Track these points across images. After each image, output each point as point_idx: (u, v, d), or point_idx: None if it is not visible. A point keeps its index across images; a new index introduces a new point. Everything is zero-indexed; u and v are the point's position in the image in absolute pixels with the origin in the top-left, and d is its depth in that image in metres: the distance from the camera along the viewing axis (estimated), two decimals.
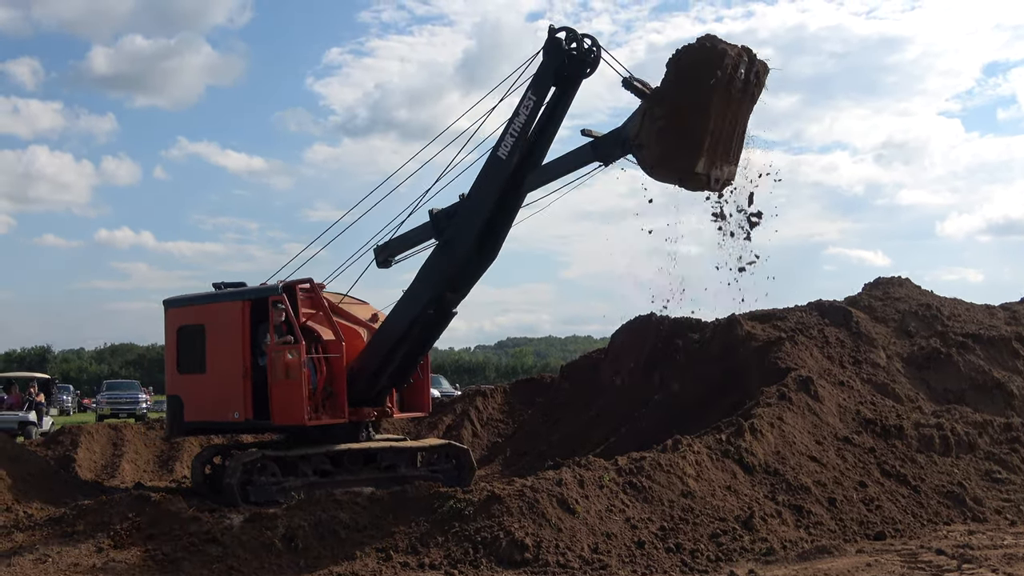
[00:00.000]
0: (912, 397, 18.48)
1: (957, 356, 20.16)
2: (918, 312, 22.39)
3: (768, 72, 14.13)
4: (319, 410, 17.17)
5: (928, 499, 14.33)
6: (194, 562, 11.27)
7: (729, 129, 14.11)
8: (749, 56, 13.79)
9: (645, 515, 12.43)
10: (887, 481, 14.67)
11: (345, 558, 11.32)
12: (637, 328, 24.51)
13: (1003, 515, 14.08)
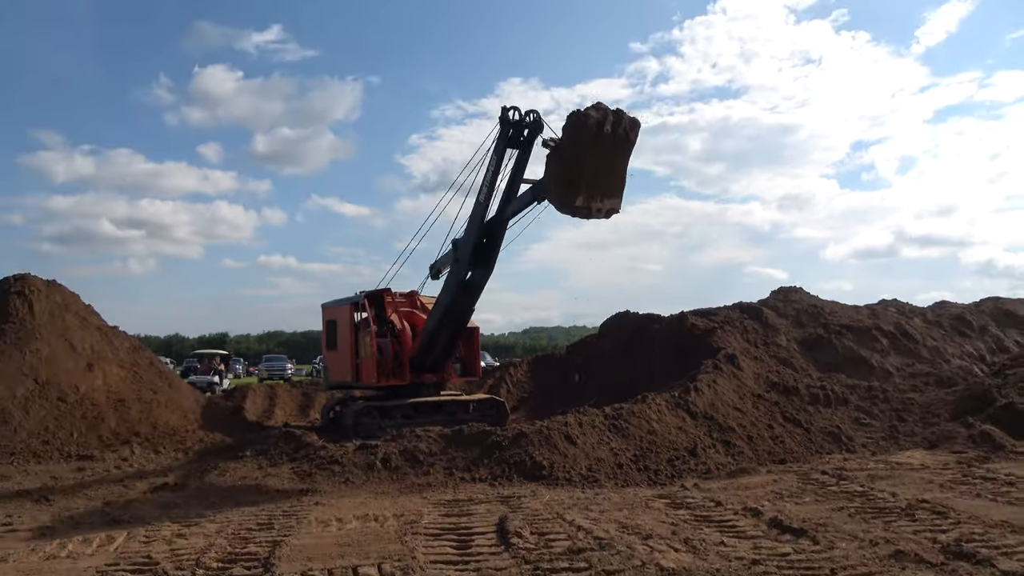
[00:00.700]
0: (804, 367, 18.22)
1: (835, 340, 19.90)
2: (808, 310, 22.14)
3: (638, 126, 13.22)
4: (388, 376, 17.38)
5: (815, 437, 14.10)
6: (323, 476, 11.31)
7: (605, 171, 13.13)
8: (616, 116, 12.87)
9: (623, 446, 12.33)
10: (787, 424, 14.45)
11: (423, 474, 11.32)
12: (618, 320, 24.51)
13: (867, 448, 13.83)
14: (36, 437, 14.23)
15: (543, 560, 6.57)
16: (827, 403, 15.81)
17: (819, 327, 20.73)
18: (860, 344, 20.11)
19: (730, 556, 6.72)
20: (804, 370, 17.98)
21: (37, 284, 17.74)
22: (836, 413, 15.46)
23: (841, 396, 16.19)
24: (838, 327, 20.60)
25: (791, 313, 21.84)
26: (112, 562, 6.80)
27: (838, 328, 20.53)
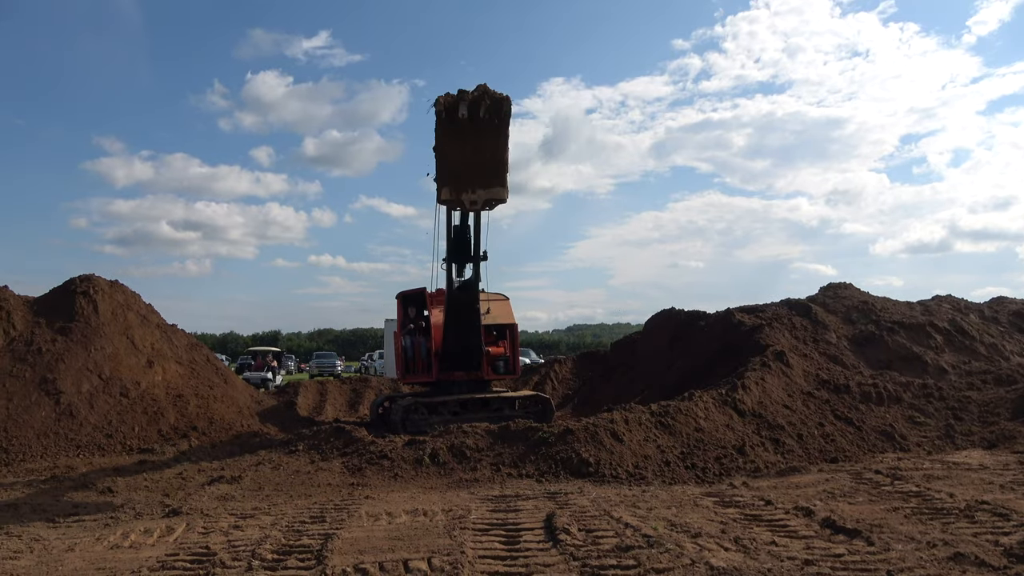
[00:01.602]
0: (855, 365, 17.73)
1: (887, 337, 19.27)
2: (858, 307, 21.49)
3: (504, 104, 11.82)
4: (416, 373, 17.62)
5: (868, 436, 13.71)
6: (373, 470, 11.42)
7: (475, 159, 12.03)
8: (476, 100, 11.75)
9: (670, 444, 12.17)
10: (838, 423, 14.09)
11: (470, 470, 11.34)
12: (662, 317, 24.28)
13: (922, 447, 13.40)
14: (100, 431, 14.70)
15: (591, 557, 6.50)
16: (879, 401, 15.36)
17: (870, 324, 20.12)
18: (913, 341, 19.44)
19: (782, 556, 6.55)
20: (855, 367, 17.49)
21: (101, 284, 18.32)
22: (889, 411, 15.01)
23: (894, 394, 15.71)
24: (890, 324, 19.96)
25: (841, 310, 21.24)
26: (172, 552, 6.96)
27: (890, 325, 19.89)
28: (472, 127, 11.82)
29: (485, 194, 12.23)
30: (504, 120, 11.93)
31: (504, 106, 11.88)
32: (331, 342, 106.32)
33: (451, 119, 11.78)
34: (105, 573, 6.35)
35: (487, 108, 11.77)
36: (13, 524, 8.38)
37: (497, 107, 11.83)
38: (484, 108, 11.76)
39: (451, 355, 17.06)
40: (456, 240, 14.96)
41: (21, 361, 15.71)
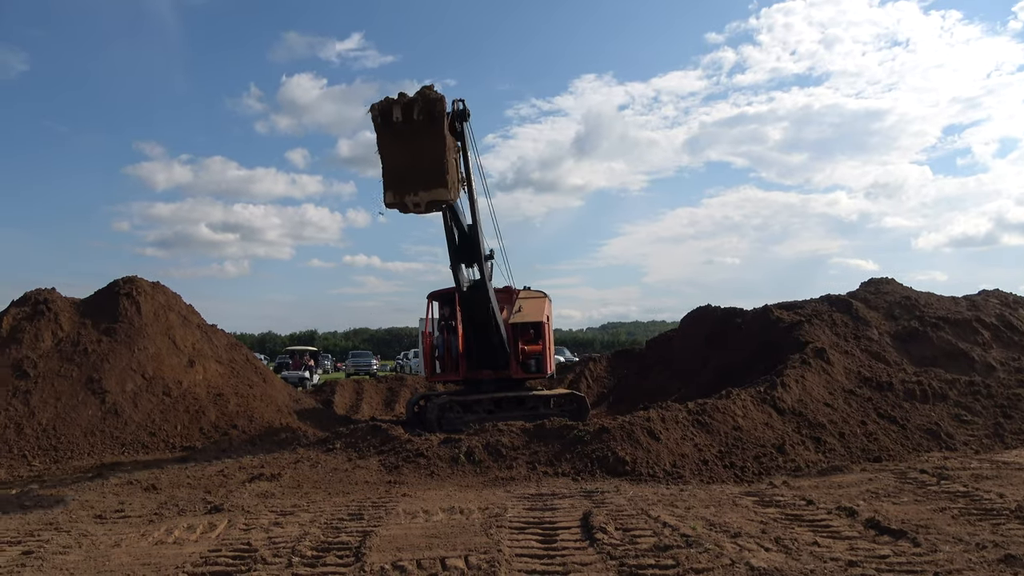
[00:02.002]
0: (898, 362, 17.33)
1: (931, 333, 18.81)
2: (901, 302, 21.00)
3: (436, 103, 11.73)
4: (443, 371, 17.89)
5: (912, 434, 13.40)
6: (409, 468, 11.50)
7: (414, 162, 11.93)
8: (409, 101, 11.73)
9: (708, 442, 12.04)
10: (881, 421, 13.79)
11: (506, 468, 11.35)
12: (699, 314, 24.10)
13: (969, 446, 13.05)
14: (144, 429, 15.05)
15: (628, 556, 6.45)
16: (924, 399, 15.00)
17: (913, 319, 19.65)
18: (959, 337, 18.94)
19: (824, 557, 6.43)
20: (898, 364, 17.09)
21: (143, 286, 18.75)
22: (934, 409, 14.65)
23: (939, 391, 15.32)
24: (934, 319, 19.47)
25: (883, 305, 20.77)
26: (214, 548, 7.09)
27: (934, 320, 19.40)
28: (408, 130, 11.83)
29: (427, 196, 12.16)
30: (438, 121, 11.85)
31: (437, 107, 11.84)
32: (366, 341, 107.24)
33: (387, 123, 11.82)
34: (150, 568, 6.50)
35: (420, 110, 11.75)
36: (62, 520, 8.62)
37: (430, 108, 11.80)
38: (417, 110, 11.74)
39: (477, 354, 17.17)
40: (453, 243, 14.98)
41: (68, 361, 16.17)
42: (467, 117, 13.70)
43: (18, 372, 15.64)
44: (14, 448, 13.77)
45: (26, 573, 6.37)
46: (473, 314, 16.36)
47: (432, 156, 11.96)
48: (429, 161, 11.97)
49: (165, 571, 6.38)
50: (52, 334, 16.88)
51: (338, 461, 12.32)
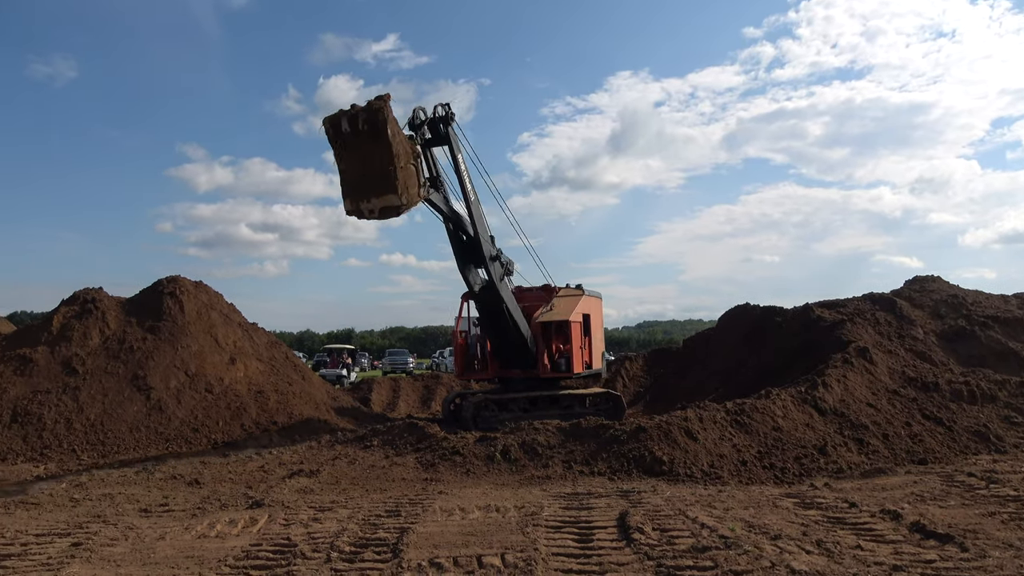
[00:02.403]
0: (944, 362, 16.88)
1: (980, 332, 18.29)
2: (948, 300, 20.47)
3: (378, 113, 12.08)
4: (472, 370, 18.25)
5: (959, 436, 13.04)
6: (445, 466, 11.56)
7: (364, 170, 12.36)
8: (352, 112, 12.21)
9: (747, 443, 11.88)
10: (927, 422, 13.45)
11: (542, 466, 11.35)
12: (737, 313, 23.80)
13: (1020, 449, 12.64)
14: (187, 425, 15.38)
15: (666, 557, 6.39)
16: (972, 400, 14.59)
17: (960, 318, 19.13)
18: (1009, 336, 18.39)
19: (868, 561, 6.29)
20: (944, 364, 16.66)
21: (187, 285, 19.17)
22: (983, 411, 14.24)
23: (988, 392, 14.89)
24: (983, 318, 18.93)
25: (928, 304, 20.27)
26: (255, 542, 7.21)
27: (983, 319, 18.86)
28: (356, 140, 12.27)
29: (379, 202, 12.59)
30: (381, 129, 12.16)
31: (378, 116, 12.17)
32: (403, 339, 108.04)
33: (338, 135, 12.31)
34: (193, 561, 6.64)
35: (364, 120, 12.19)
36: (109, 513, 8.85)
37: (372, 118, 12.19)
38: (362, 121, 12.19)
39: (503, 353, 17.20)
40: (457, 245, 15.40)
41: (115, 359, 16.61)
42: (450, 122, 14.09)
43: (68, 369, 16.12)
44: (64, 443, 14.20)
45: (75, 564, 6.56)
46: (488, 314, 16.55)
47: (381, 164, 12.34)
48: (378, 169, 12.39)
49: (208, 564, 6.51)
50: (100, 332, 17.36)
51: (375, 458, 12.44)
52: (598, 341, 18.85)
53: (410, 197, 12.75)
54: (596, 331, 18.68)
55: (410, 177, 12.71)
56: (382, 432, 14.14)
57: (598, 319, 19.01)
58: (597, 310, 19.04)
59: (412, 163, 12.90)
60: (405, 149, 12.71)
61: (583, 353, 17.70)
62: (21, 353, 16.50)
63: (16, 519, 8.62)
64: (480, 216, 15.46)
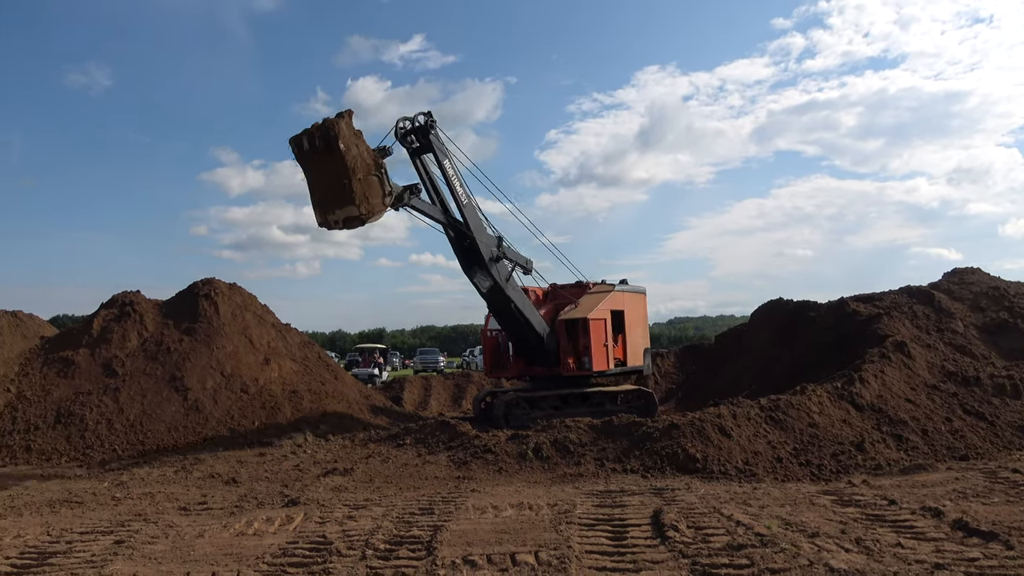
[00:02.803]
0: (986, 355, 16.48)
1: (1022, 325, 17.82)
2: (988, 292, 19.95)
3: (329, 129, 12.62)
4: (501, 368, 18.48)
5: (1002, 431, 12.73)
6: (477, 464, 11.60)
7: (327, 183, 12.92)
8: (311, 130, 12.79)
9: (782, 439, 11.73)
10: (968, 417, 13.15)
11: (574, 464, 11.32)
12: (770, 308, 23.52)
13: None
14: (224, 424, 15.64)
15: (701, 555, 6.34)
16: (1015, 394, 14.23)
17: (1002, 311, 18.65)
18: None
19: (908, 559, 6.17)
20: (986, 358, 16.26)
21: (221, 287, 19.48)
22: None
23: None
24: None
25: (968, 296, 19.79)
26: (292, 540, 7.31)
27: None
28: (316, 156, 12.84)
29: (342, 213, 13.12)
30: (333, 144, 12.60)
31: (330, 132, 12.65)
32: (433, 339, 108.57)
33: (301, 153, 12.95)
34: (232, 559, 6.74)
35: (319, 137, 12.73)
36: (150, 511, 9.04)
37: (324, 134, 12.71)
38: (318, 137, 12.73)
39: (522, 352, 17.36)
40: (458, 250, 15.75)
41: (153, 360, 16.95)
42: (430, 129, 14.56)
43: (108, 371, 16.49)
44: (105, 442, 14.53)
45: (118, 562, 6.70)
46: (499, 314, 16.72)
47: (337, 177, 12.84)
48: (337, 182, 12.88)
49: (246, 561, 6.61)
50: (138, 334, 17.73)
51: (408, 456, 12.52)
52: (637, 337, 18.43)
53: (370, 207, 13.15)
54: (634, 327, 18.30)
55: (370, 188, 13.12)
56: (414, 431, 14.23)
57: (637, 314, 18.61)
58: (635, 305, 18.62)
59: (374, 174, 13.30)
60: (364, 162, 13.11)
61: (610, 350, 17.41)
62: (64, 356, 16.92)
63: (61, 518, 8.85)
64: (475, 219, 15.65)
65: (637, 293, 18.95)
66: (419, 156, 15.05)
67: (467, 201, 15.54)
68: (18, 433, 14.69)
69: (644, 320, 18.96)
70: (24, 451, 14.16)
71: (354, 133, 13.05)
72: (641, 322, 18.79)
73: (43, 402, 15.57)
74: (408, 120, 14.87)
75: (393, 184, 13.71)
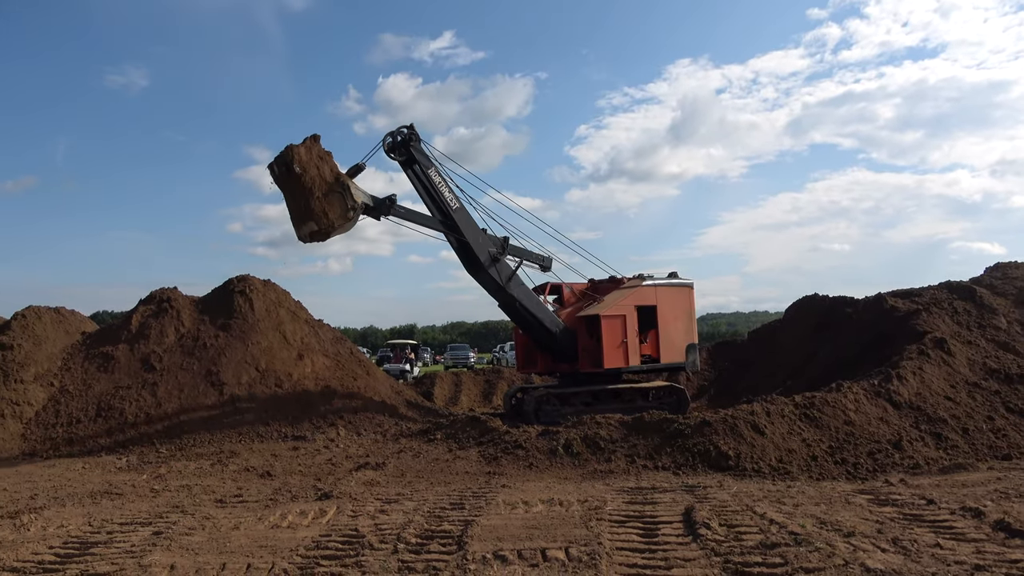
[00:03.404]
0: None
1: None
2: None
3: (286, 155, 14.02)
4: (532, 364, 18.68)
5: None
6: (508, 460, 11.62)
7: (294, 204, 14.25)
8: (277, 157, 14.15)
9: (817, 437, 11.56)
10: (1011, 416, 12.82)
11: (604, 460, 11.29)
12: (805, 304, 23.18)
13: None
14: (259, 419, 15.88)
15: (733, 553, 6.28)
16: None
17: None
18: None
19: (948, 560, 6.04)
20: None
21: (256, 284, 19.77)
22: None
23: None
24: None
25: (1011, 292, 19.27)
26: (325, 533, 7.41)
27: None
28: (283, 179, 14.24)
29: (306, 228, 14.37)
30: (290, 168, 14.04)
31: (286, 157, 14.11)
32: (464, 334, 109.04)
33: (275, 177, 14.42)
34: (267, 551, 6.86)
35: (279, 162, 14.16)
36: (187, 503, 9.23)
37: (283, 159, 14.12)
38: (279, 164, 14.16)
39: (541, 348, 17.66)
40: (460, 257, 16.32)
41: (189, 355, 17.28)
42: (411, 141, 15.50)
43: (146, 366, 16.86)
44: (144, 436, 14.86)
45: (157, 552, 6.86)
46: (511, 313, 17.03)
47: (300, 196, 14.20)
48: (300, 200, 14.24)
49: (280, 553, 6.72)
50: (175, 330, 18.08)
51: (439, 451, 12.60)
52: (676, 332, 17.91)
53: (329, 222, 14.31)
54: (673, 322, 17.83)
55: (330, 205, 14.31)
56: (445, 426, 14.31)
57: (676, 309, 18.01)
58: (674, 299, 17.96)
59: (337, 191, 14.40)
60: (322, 181, 14.30)
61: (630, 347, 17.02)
62: (104, 351, 17.33)
63: (102, 509, 9.09)
64: (467, 223, 16.17)
65: (678, 287, 18.37)
66: (410, 168, 15.80)
67: (457, 206, 16.07)
68: (61, 426, 15.09)
69: (688, 315, 18.29)
70: (67, 443, 14.55)
71: (317, 155, 14.37)
72: (683, 317, 18.15)
73: (84, 396, 15.97)
74: (392, 135, 15.67)
75: (361, 198, 14.76)
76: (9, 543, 7.37)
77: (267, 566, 6.35)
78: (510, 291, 16.34)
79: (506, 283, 16.31)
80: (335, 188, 14.34)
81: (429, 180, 15.74)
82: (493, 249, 16.28)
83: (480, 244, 16.13)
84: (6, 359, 16.41)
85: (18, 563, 6.63)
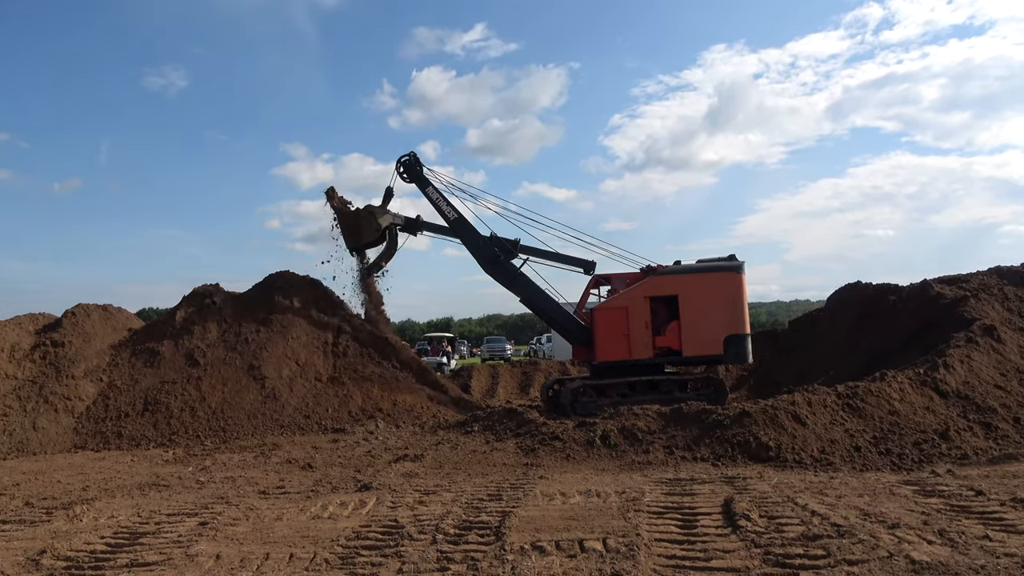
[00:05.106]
0: None
1: None
2: None
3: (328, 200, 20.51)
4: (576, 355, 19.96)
5: None
6: (545, 451, 11.64)
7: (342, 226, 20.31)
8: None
9: (860, 427, 11.35)
10: None
11: (642, 452, 11.24)
12: (847, 292, 22.59)
13: None
14: (299, 412, 16.16)
15: (774, 545, 6.21)
16: None
17: None
18: None
19: (997, 552, 5.89)
20: None
21: (294, 279, 20.09)
22: None
23: None
24: None
25: None
26: (365, 524, 7.52)
27: None
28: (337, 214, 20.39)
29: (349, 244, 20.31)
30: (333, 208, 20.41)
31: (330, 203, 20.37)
32: (500, 327, 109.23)
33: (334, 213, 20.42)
34: (309, 541, 6.99)
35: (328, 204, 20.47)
36: (231, 495, 9.45)
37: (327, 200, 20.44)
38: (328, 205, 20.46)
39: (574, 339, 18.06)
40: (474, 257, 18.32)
41: (232, 350, 17.64)
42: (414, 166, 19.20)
43: (190, 361, 17.26)
44: (189, 429, 15.24)
45: (203, 542, 7.05)
46: (530, 306, 18.41)
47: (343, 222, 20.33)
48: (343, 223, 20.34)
49: (322, 544, 6.84)
50: (218, 326, 18.47)
51: (476, 443, 12.68)
52: (709, 322, 16.98)
53: (354, 241, 20.10)
54: (704, 311, 16.97)
55: (360, 229, 19.80)
56: (482, 418, 14.38)
57: (710, 297, 17.11)
58: (706, 287, 17.13)
59: (362, 220, 19.70)
60: (349, 215, 20.08)
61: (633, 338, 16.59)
62: (150, 347, 17.79)
63: (150, 500, 9.35)
64: (466, 233, 18.59)
65: (716, 272, 17.42)
66: (425, 189, 19.06)
67: (454, 217, 18.75)
68: (110, 420, 15.56)
69: (730, 303, 17.36)
70: (116, 437, 15.00)
71: (339, 200, 20.38)
72: (722, 304, 17.32)
73: (132, 391, 16.43)
74: (398, 163, 19.40)
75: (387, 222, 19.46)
76: (63, 533, 7.64)
77: (309, 556, 6.48)
78: (516, 289, 18.01)
79: (511, 281, 18.04)
80: (362, 217, 19.68)
81: (428, 198, 18.84)
82: (494, 251, 18.14)
83: (481, 248, 18.31)
84: (58, 355, 16.96)
85: (72, 552, 6.87)
